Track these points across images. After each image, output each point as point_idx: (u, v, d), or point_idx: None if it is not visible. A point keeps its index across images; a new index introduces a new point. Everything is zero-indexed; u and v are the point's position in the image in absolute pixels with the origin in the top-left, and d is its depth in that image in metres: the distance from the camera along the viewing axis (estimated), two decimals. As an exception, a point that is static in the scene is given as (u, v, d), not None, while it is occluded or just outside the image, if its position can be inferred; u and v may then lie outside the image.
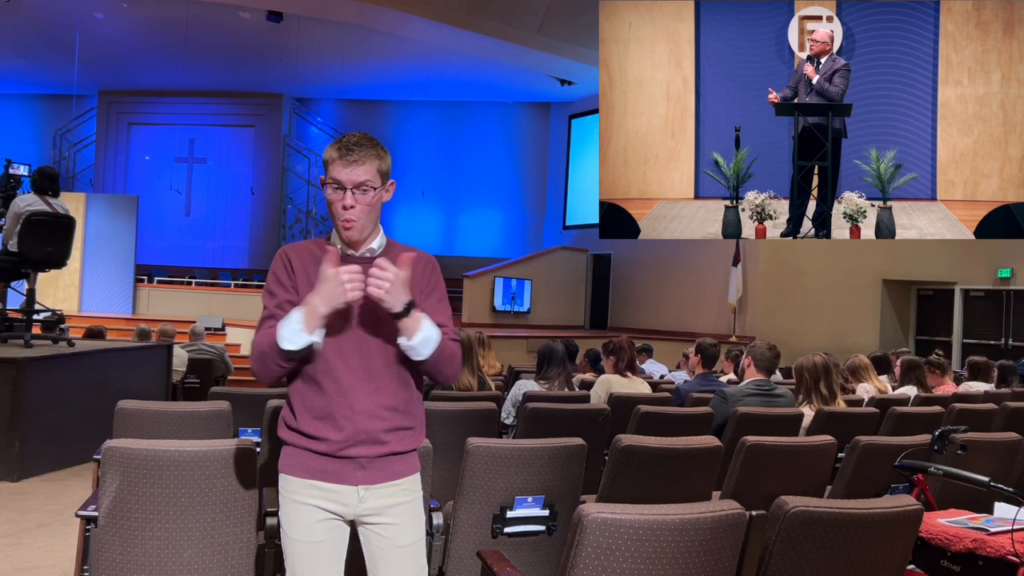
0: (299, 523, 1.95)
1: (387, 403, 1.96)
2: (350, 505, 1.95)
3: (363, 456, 1.94)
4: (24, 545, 4.10)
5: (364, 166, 1.94)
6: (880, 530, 2.01)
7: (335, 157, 1.95)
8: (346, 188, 1.93)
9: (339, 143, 1.97)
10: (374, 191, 1.95)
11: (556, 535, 2.65)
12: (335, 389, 1.94)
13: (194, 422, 3.07)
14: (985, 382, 6.34)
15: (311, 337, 1.88)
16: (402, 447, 1.99)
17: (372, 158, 1.95)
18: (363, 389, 1.94)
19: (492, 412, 3.66)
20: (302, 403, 1.97)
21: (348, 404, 1.93)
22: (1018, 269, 12.58)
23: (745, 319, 12.57)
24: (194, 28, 13.42)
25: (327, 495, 1.95)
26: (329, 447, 1.93)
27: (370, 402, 1.94)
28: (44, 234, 6.16)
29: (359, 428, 1.92)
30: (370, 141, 1.98)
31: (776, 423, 3.91)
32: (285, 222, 17.58)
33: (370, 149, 1.96)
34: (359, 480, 1.94)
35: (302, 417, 1.96)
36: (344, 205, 1.94)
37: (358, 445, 1.93)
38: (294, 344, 1.87)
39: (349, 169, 1.93)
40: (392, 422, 1.96)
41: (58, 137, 18.05)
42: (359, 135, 1.99)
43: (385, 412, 1.95)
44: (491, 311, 14.13)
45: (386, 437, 1.95)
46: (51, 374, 5.77)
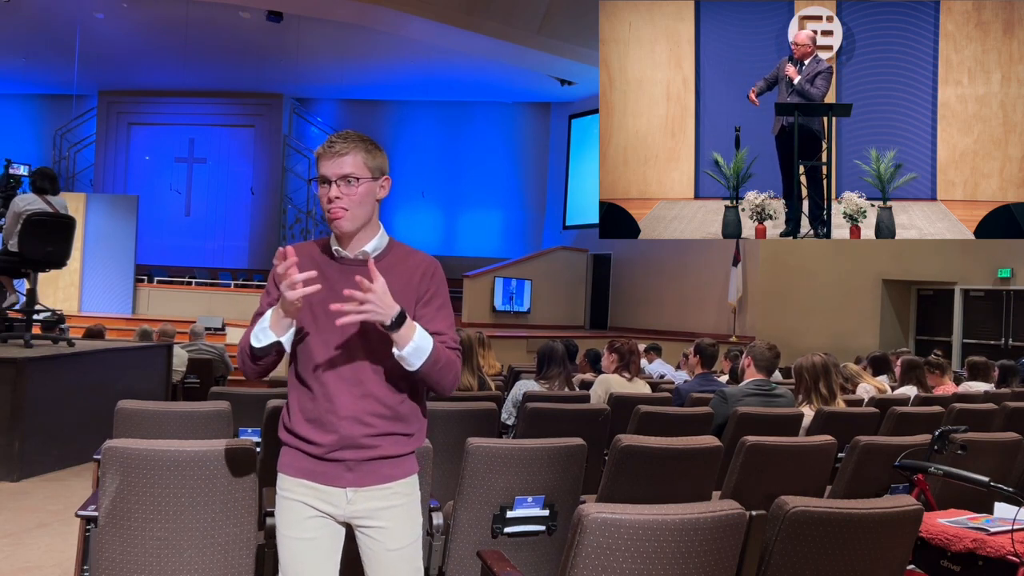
0: (291, 519, 1.97)
1: (373, 409, 1.94)
2: (339, 506, 1.96)
3: (350, 459, 1.94)
4: (24, 545, 4.10)
5: (348, 157, 1.93)
6: (880, 530, 2.01)
7: (321, 152, 1.96)
8: (331, 180, 1.92)
9: (327, 140, 1.97)
10: (360, 183, 1.93)
11: (556, 535, 2.65)
12: (322, 393, 1.94)
13: (194, 422, 3.07)
14: (985, 382, 6.34)
15: (275, 337, 1.88)
16: (393, 451, 1.98)
17: (357, 151, 1.94)
18: (348, 394, 1.93)
19: (492, 412, 3.66)
20: (296, 405, 1.99)
21: (333, 409, 1.93)
22: (1018, 269, 12.58)
23: (745, 319, 12.57)
24: (194, 28, 13.42)
25: (317, 495, 1.96)
26: (317, 450, 1.94)
27: (355, 407, 1.93)
28: (44, 234, 6.16)
29: (343, 433, 1.92)
30: (357, 135, 1.97)
31: (776, 423, 3.91)
32: (285, 222, 17.58)
33: (356, 142, 1.95)
34: (347, 482, 1.95)
35: (295, 418, 1.98)
36: (329, 197, 1.92)
37: (343, 449, 1.93)
38: (259, 342, 1.89)
39: (333, 161, 1.93)
40: (378, 428, 1.94)
41: (58, 137, 18.06)
42: (347, 131, 1.99)
43: (371, 418, 1.94)
44: (491, 311, 14.13)
45: (372, 442, 1.94)
46: (51, 374, 5.77)
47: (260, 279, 15.67)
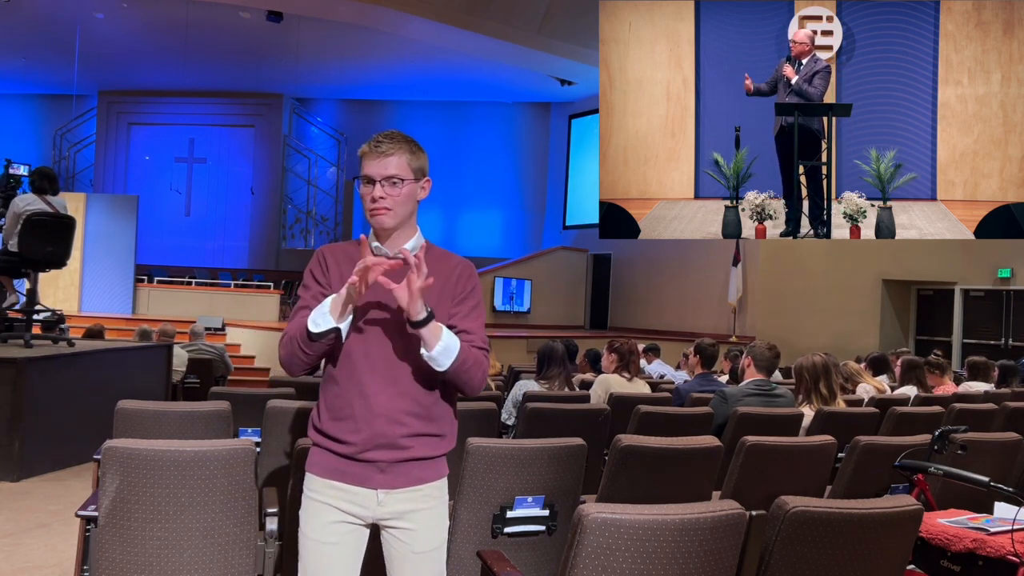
0: (315, 522, 1.95)
1: (408, 408, 1.94)
2: (369, 508, 1.95)
3: (383, 460, 1.92)
4: (24, 545, 4.10)
5: (393, 158, 1.94)
6: (880, 530, 2.01)
7: (366, 151, 1.97)
8: (375, 180, 1.94)
9: (372, 139, 1.98)
10: (404, 184, 1.94)
11: (556, 535, 2.65)
12: (356, 391, 1.93)
13: (194, 422, 3.07)
14: (985, 382, 6.34)
15: (335, 323, 1.88)
16: (425, 453, 1.97)
17: (403, 152, 1.96)
18: (385, 393, 1.93)
19: (492, 412, 3.66)
20: (326, 404, 1.98)
21: (368, 406, 1.92)
22: (1018, 269, 12.59)
23: (745, 319, 12.57)
24: (194, 28, 13.42)
25: (346, 496, 1.94)
26: (348, 449, 1.93)
27: (391, 406, 1.92)
28: (44, 234, 6.16)
29: (376, 431, 1.91)
30: (402, 136, 1.99)
31: (776, 423, 3.91)
32: (285, 222, 17.58)
33: (401, 143, 1.97)
34: (378, 484, 1.93)
35: (324, 417, 1.98)
36: (373, 197, 1.93)
37: (376, 449, 1.92)
38: (318, 326, 1.88)
39: (378, 161, 1.94)
40: (412, 428, 1.94)
41: (58, 137, 18.06)
42: (392, 131, 2.00)
43: (405, 417, 1.93)
44: (491, 311, 14.14)
45: (406, 443, 1.93)
46: (51, 374, 5.77)
47: (260, 279, 15.68)
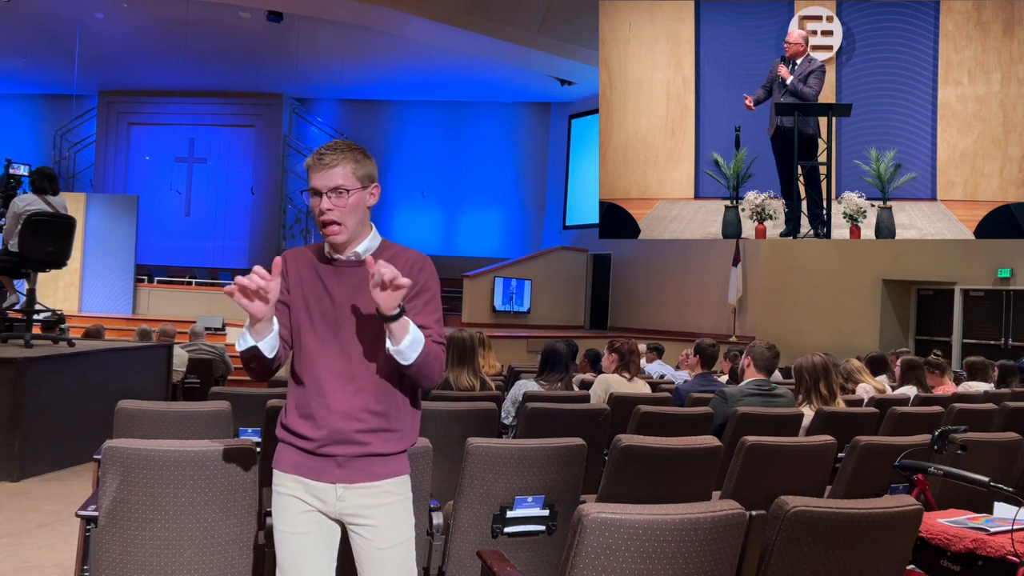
0: (285, 515, 2.00)
1: (365, 405, 1.97)
2: (329, 502, 1.98)
3: (340, 455, 1.97)
4: (24, 545, 4.10)
5: (338, 169, 1.96)
6: (880, 530, 2.01)
7: (311, 164, 1.99)
8: (322, 193, 1.96)
9: (316, 151, 2.01)
10: (351, 193, 1.96)
11: (556, 535, 2.65)
12: (315, 388, 1.98)
13: (194, 422, 3.07)
14: (984, 382, 6.34)
15: (254, 341, 1.91)
16: (384, 449, 2.00)
17: (347, 161, 1.97)
18: (342, 390, 1.97)
19: (492, 412, 3.66)
20: (293, 401, 2.03)
21: (325, 404, 1.96)
22: (1018, 269, 12.58)
23: (745, 319, 12.57)
24: (194, 28, 13.42)
25: (308, 490, 1.99)
26: (309, 444, 1.98)
27: (348, 403, 1.96)
28: (44, 234, 6.16)
29: (334, 428, 1.96)
30: (346, 145, 2.00)
31: (776, 423, 3.91)
32: (285, 222, 17.58)
33: (344, 153, 1.98)
34: (336, 478, 1.97)
35: (290, 414, 2.02)
36: (320, 209, 1.96)
37: (334, 444, 1.96)
38: (240, 346, 1.95)
39: (323, 173, 1.96)
40: (369, 424, 1.97)
41: (58, 137, 18.05)
42: (337, 141, 2.02)
43: (363, 413, 1.97)
44: (491, 311, 14.13)
45: (362, 438, 1.97)
46: (51, 374, 5.77)
47: (260, 279, 15.63)
